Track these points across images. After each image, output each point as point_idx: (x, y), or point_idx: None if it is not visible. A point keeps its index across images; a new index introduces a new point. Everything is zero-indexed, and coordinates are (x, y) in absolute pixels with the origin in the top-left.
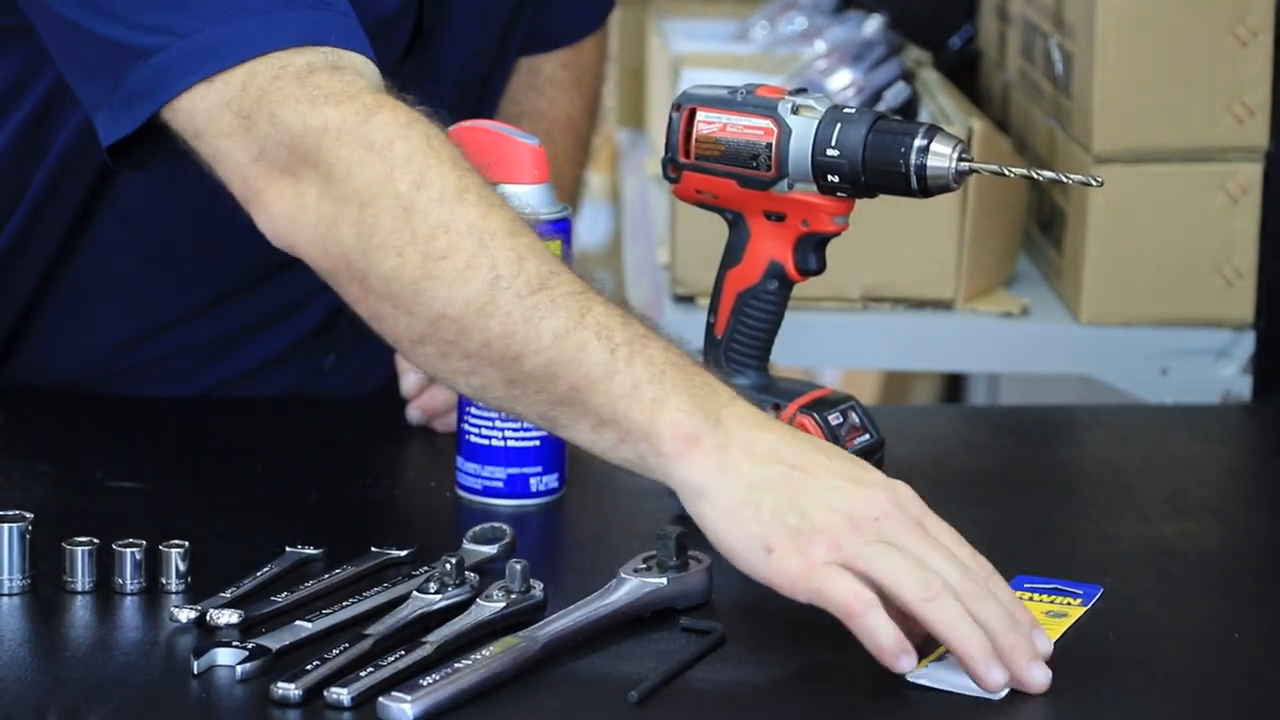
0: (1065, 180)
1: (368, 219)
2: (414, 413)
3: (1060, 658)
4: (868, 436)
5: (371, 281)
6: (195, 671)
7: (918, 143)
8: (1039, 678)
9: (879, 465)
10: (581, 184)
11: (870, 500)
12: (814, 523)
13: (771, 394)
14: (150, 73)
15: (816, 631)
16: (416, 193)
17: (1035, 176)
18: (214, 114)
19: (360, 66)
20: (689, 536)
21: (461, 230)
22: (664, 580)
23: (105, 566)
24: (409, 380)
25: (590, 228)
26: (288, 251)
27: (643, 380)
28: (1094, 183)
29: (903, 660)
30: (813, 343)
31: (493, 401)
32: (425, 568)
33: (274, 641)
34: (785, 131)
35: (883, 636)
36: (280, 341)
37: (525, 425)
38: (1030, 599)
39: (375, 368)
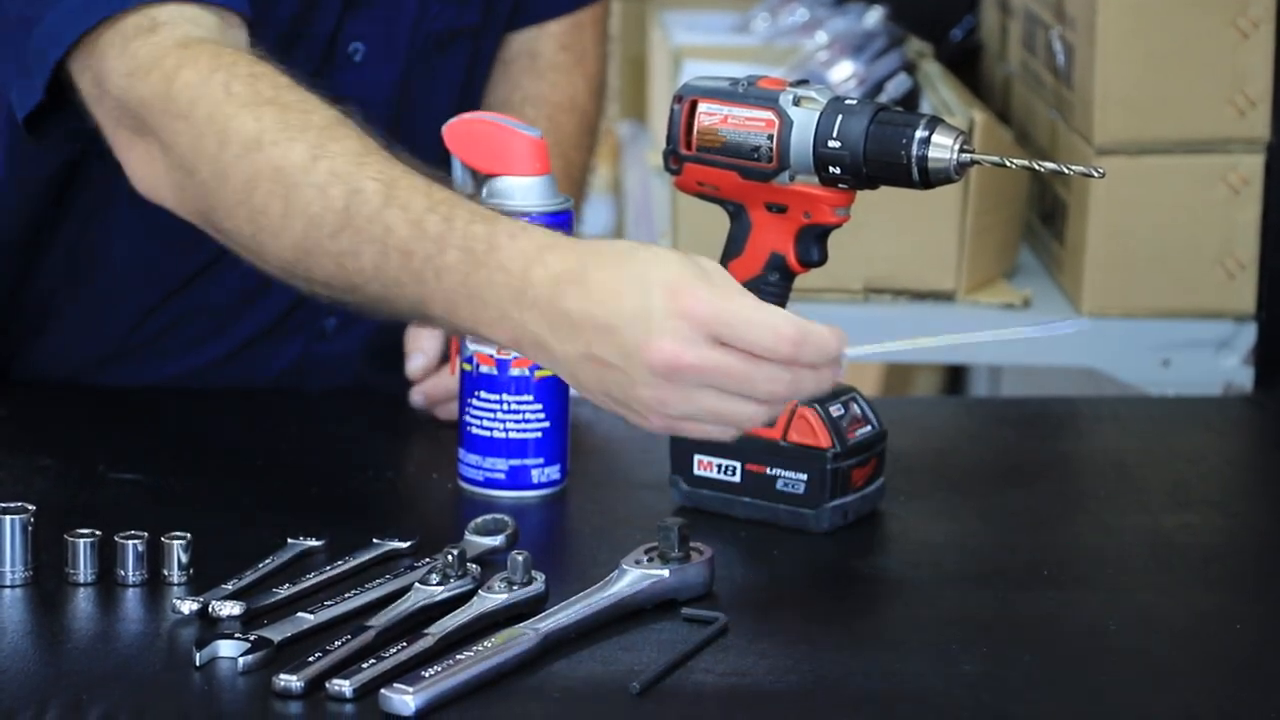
0: (1067, 171)
1: (198, 185)
2: (417, 397)
3: (1061, 647)
4: (870, 428)
5: (225, 238)
6: (197, 663)
7: (919, 134)
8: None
9: (880, 458)
10: (590, 170)
11: (666, 363)
12: (635, 407)
13: None
14: (37, 42)
15: (819, 620)
16: (222, 152)
17: (1037, 168)
18: (82, 82)
19: (177, 16)
20: (691, 528)
21: (268, 177)
22: (666, 571)
23: (107, 558)
24: (414, 363)
25: (592, 220)
26: None
27: (459, 282)
28: (1095, 174)
29: None
30: None
31: (370, 309)
32: (427, 559)
33: (276, 633)
34: (787, 123)
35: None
36: (284, 299)
37: (527, 418)
38: None
39: (381, 332)
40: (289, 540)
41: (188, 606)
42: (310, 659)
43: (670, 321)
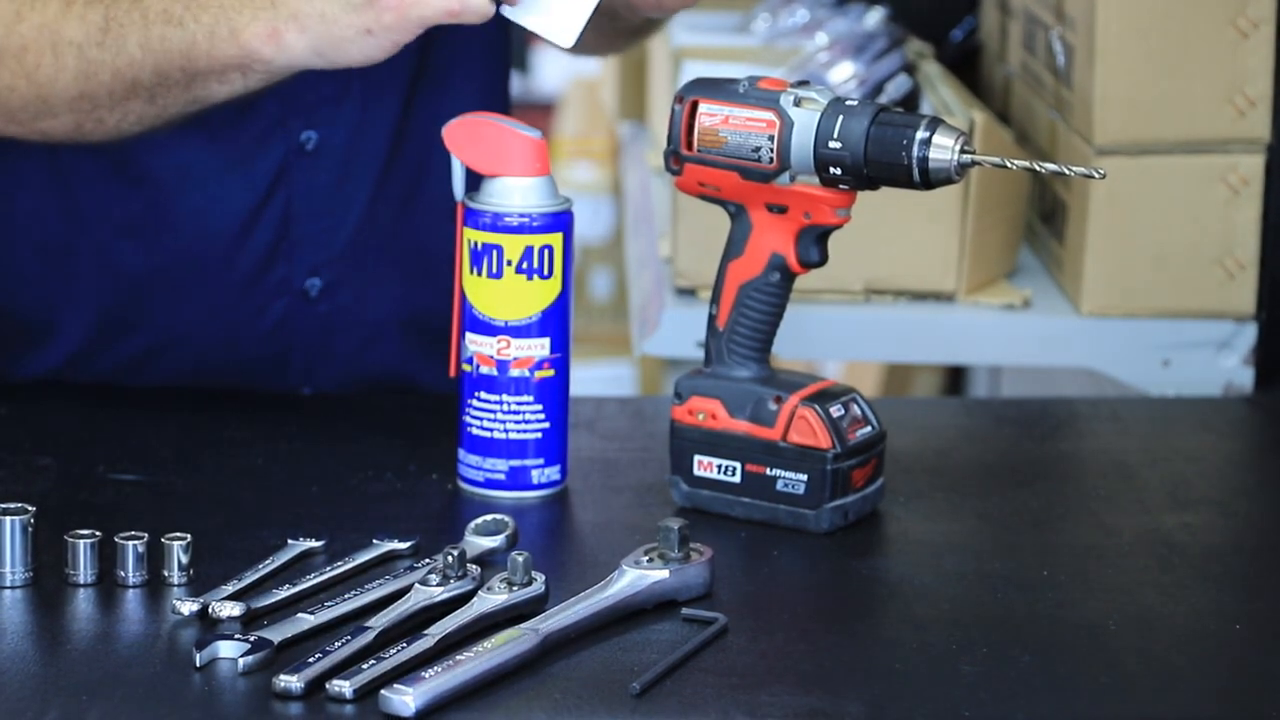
0: (1067, 172)
1: None
2: None
3: (1060, 646)
4: (869, 429)
5: (11, 120)
6: (197, 664)
7: (920, 135)
8: None
9: (880, 458)
10: None
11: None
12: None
13: (773, 386)
14: None
15: (819, 621)
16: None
17: (1037, 169)
18: None
19: None
20: (690, 528)
21: (34, 39)
22: (665, 572)
23: (107, 559)
24: None
25: (592, 221)
26: None
27: (216, 8)
28: (1095, 175)
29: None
30: (814, 335)
31: (160, 122)
32: (427, 560)
33: (276, 634)
34: (787, 124)
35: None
36: (252, 254)
37: (527, 419)
38: None
39: (368, 294)
40: (289, 541)
41: (188, 607)
42: (310, 660)
43: None
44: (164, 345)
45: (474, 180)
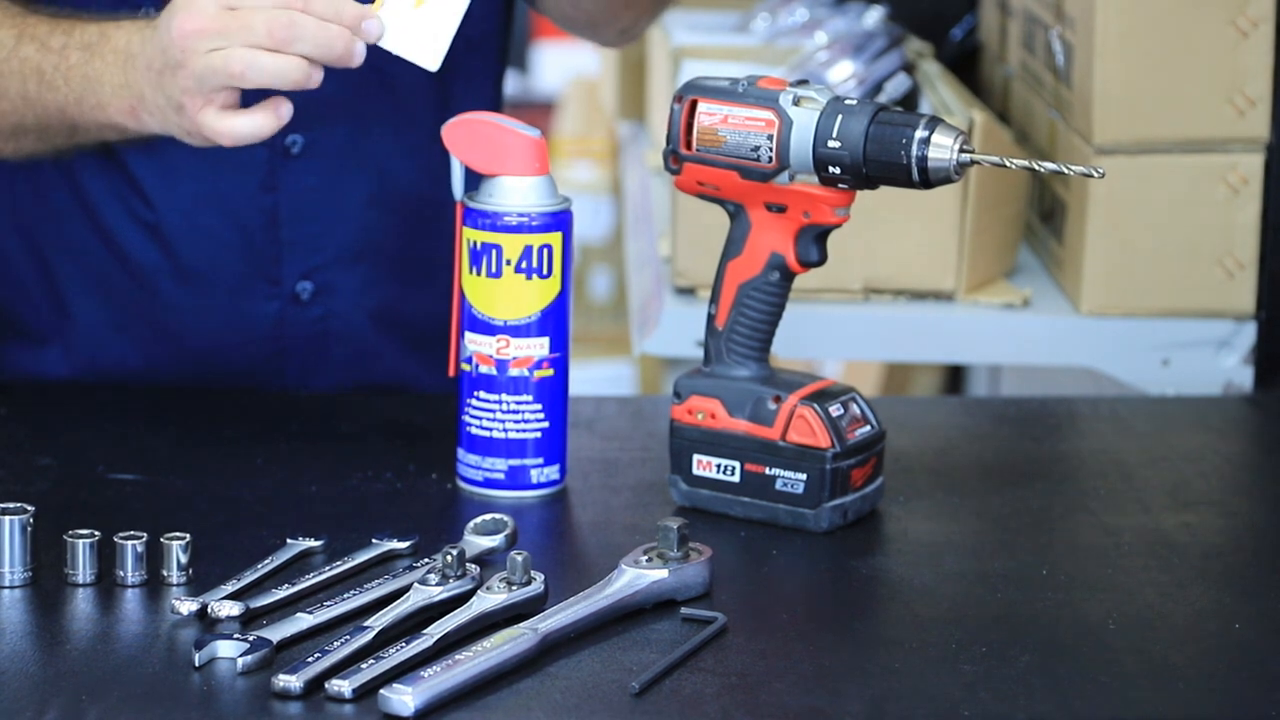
0: (1066, 171)
1: None
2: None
3: (1060, 646)
4: (869, 428)
5: None
6: (197, 664)
7: (919, 134)
8: (358, 56)
9: (879, 457)
10: None
11: (181, 32)
12: (185, 86)
13: (772, 385)
14: None
15: (818, 620)
16: None
17: (1036, 168)
18: None
19: None
20: (690, 528)
21: None
22: (665, 571)
23: (107, 559)
24: None
25: (592, 220)
26: None
27: (82, 75)
28: (1095, 174)
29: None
30: (814, 334)
31: (67, 153)
32: (426, 559)
33: (275, 633)
34: (787, 123)
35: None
36: (235, 259)
37: (526, 418)
38: None
39: (362, 297)
40: (288, 540)
41: (187, 607)
42: (309, 659)
43: (185, 2)
44: (160, 348)
45: (473, 180)
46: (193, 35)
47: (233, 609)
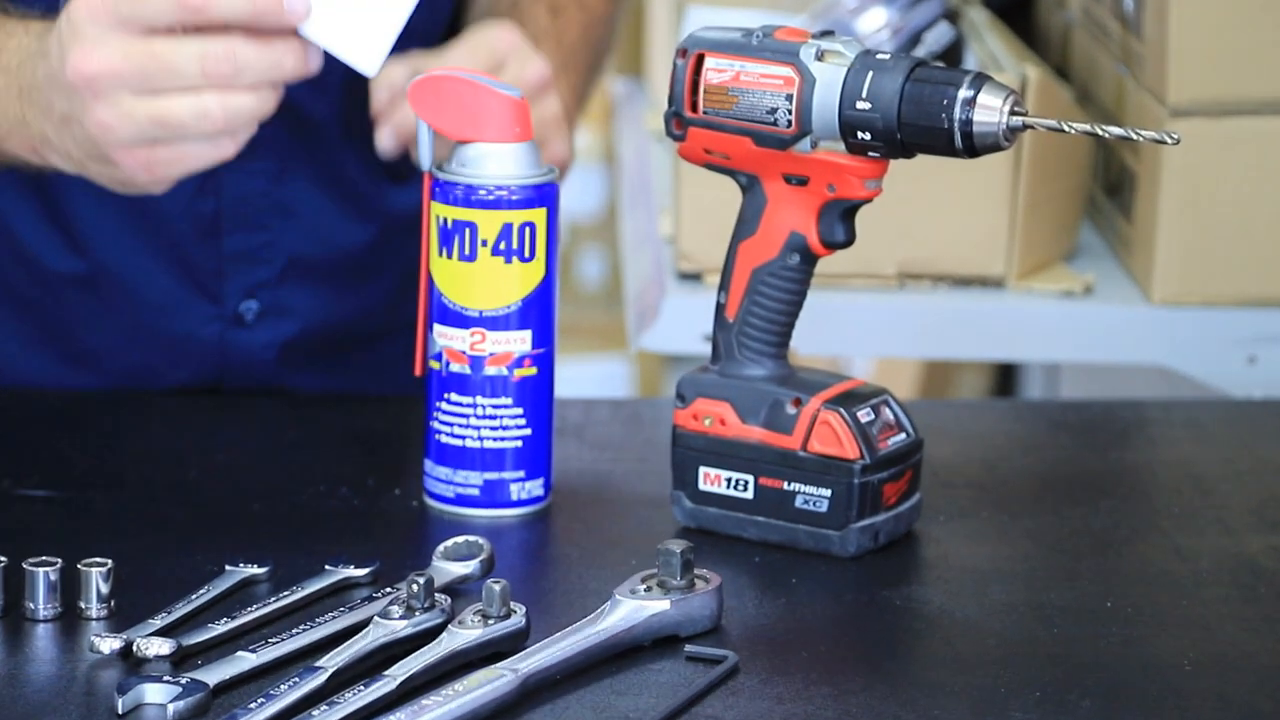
0: (1135, 137)
1: None
2: (385, 139)
3: (1126, 690)
4: (904, 436)
5: None
6: (120, 711)
7: (963, 94)
8: (314, 63)
9: (916, 470)
10: (614, 26)
11: (79, 74)
12: (95, 152)
13: (791, 387)
14: None
15: (839, 660)
16: None
17: (1100, 133)
18: None
19: None
20: (695, 552)
21: None
22: (666, 603)
23: (14, 589)
24: (378, 94)
25: (581, 194)
26: None
27: None
28: (1169, 140)
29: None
30: (840, 327)
31: None
32: (389, 589)
33: (212, 675)
34: (808, 81)
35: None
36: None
37: (505, 425)
38: None
39: (318, 326)
40: (227, 567)
41: (109, 645)
42: (252, 705)
43: (74, 30)
44: (77, 369)
45: (443, 147)
46: (101, 79)
47: (162, 647)
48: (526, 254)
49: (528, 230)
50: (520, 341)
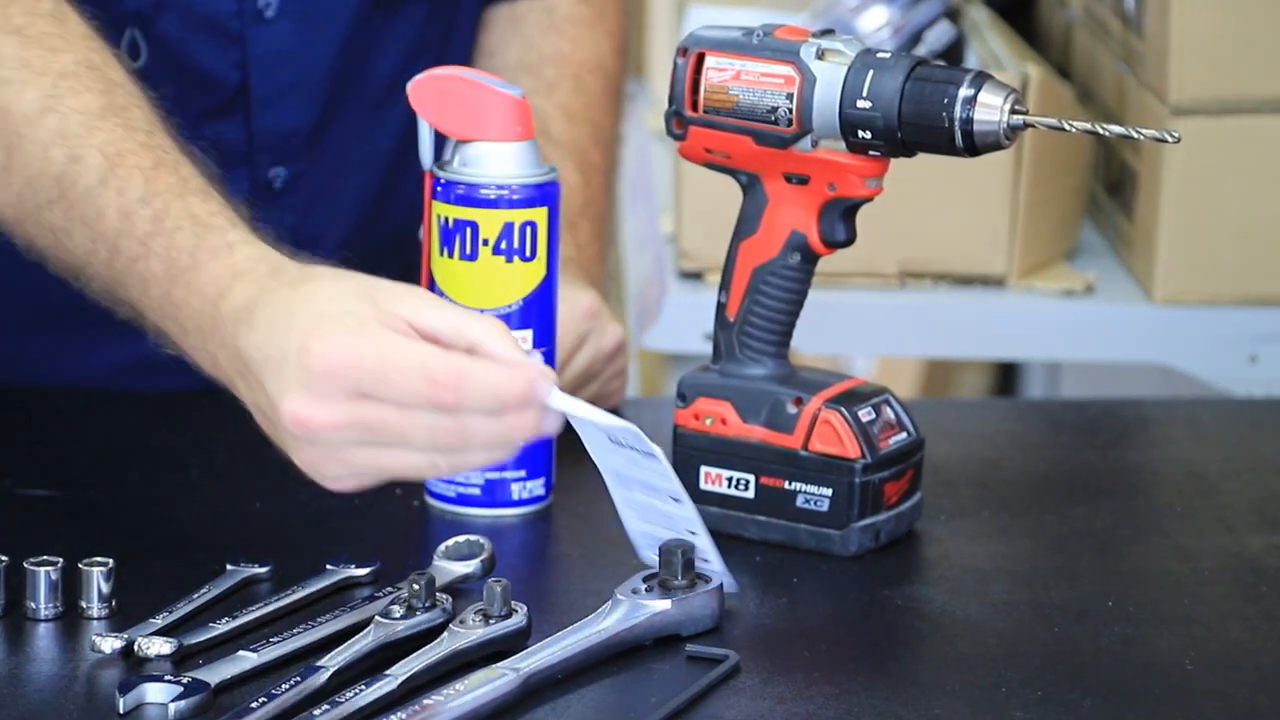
0: (1136, 136)
1: None
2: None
3: (1128, 690)
4: (905, 435)
5: None
6: (121, 710)
7: (963, 92)
8: (549, 428)
9: (917, 469)
10: (619, 138)
11: (297, 424)
12: (301, 469)
13: (792, 386)
14: None
15: (841, 659)
16: None
17: (1101, 132)
18: None
19: None
20: (696, 551)
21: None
22: (667, 602)
23: (15, 588)
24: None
25: None
26: None
27: (162, 297)
28: (1170, 139)
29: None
30: (841, 326)
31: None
32: (389, 588)
33: (213, 675)
34: (809, 80)
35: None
36: None
37: None
38: None
39: None
40: (228, 566)
41: (110, 644)
42: (253, 705)
43: (301, 375)
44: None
45: (444, 146)
46: (320, 433)
47: (163, 646)
48: (528, 253)
49: (529, 230)
50: (521, 341)
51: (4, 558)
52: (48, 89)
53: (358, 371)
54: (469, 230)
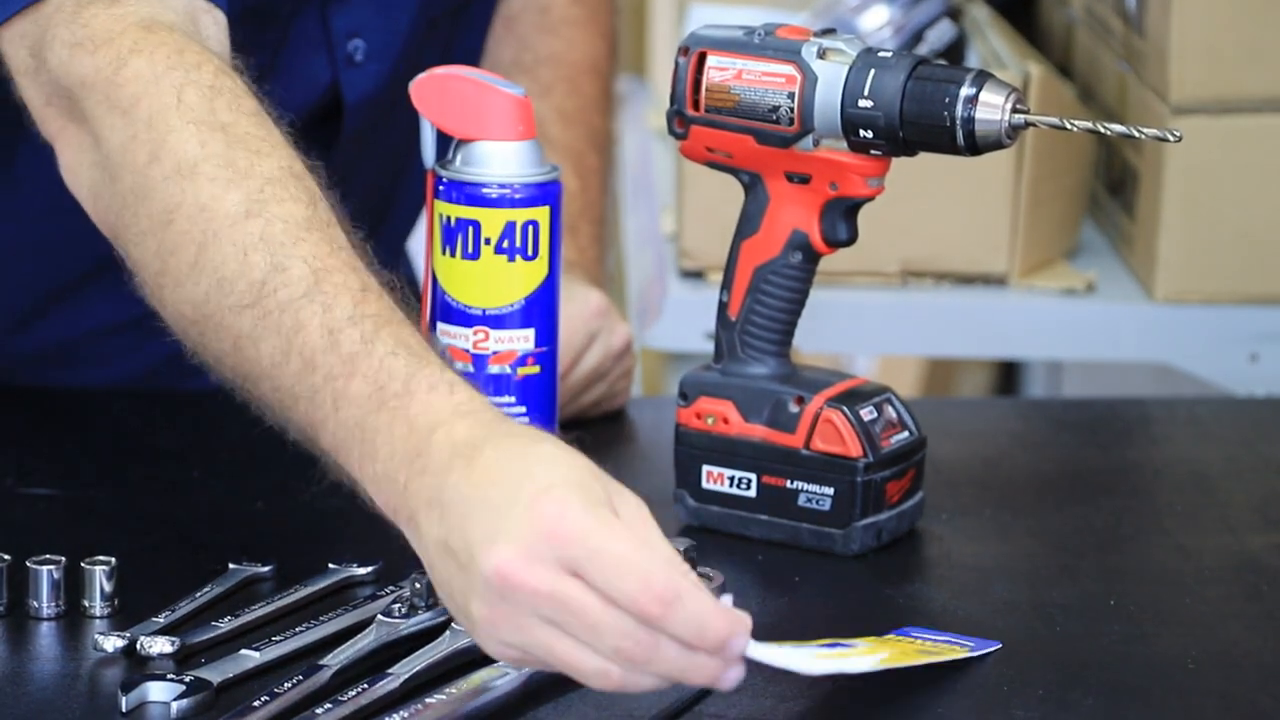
0: (1138, 135)
1: (118, 195)
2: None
3: (1129, 689)
4: (906, 434)
5: (130, 264)
6: (123, 709)
7: (965, 92)
8: (728, 683)
9: (919, 468)
10: (612, 137)
11: (499, 573)
12: (468, 619)
13: (794, 385)
14: None
15: None
16: (151, 168)
17: (1103, 130)
18: (16, 52)
19: None
20: (698, 550)
21: (190, 216)
22: None
23: (18, 587)
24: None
25: None
26: None
27: (358, 420)
28: (1171, 138)
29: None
30: (842, 325)
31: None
32: (392, 587)
33: (215, 674)
34: (810, 79)
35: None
36: None
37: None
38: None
39: None
40: (230, 565)
41: (112, 643)
42: (255, 704)
43: (523, 529)
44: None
45: (447, 145)
46: (520, 594)
47: (166, 645)
48: (530, 252)
49: (531, 229)
50: (524, 340)
51: (6, 557)
52: (253, 192)
53: (580, 547)
54: (471, 229)
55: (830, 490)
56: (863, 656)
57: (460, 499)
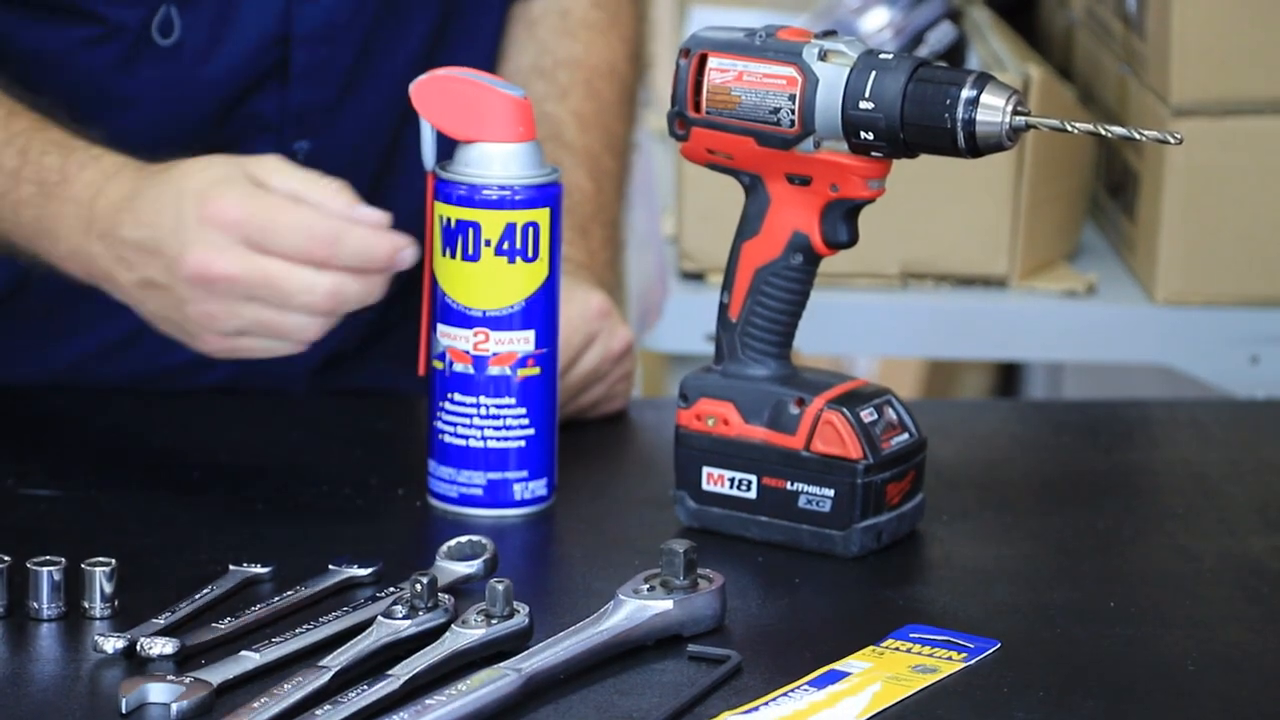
0: (1138, 137)
1: None
2: None
3: (1130, 690)
4: (907, 436)
5: None
6: (124, 710)
7: (965, 94)
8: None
9: (919, 470)
10: (633, 144)
11: (198, 273)
12: (188, 328)
13: (795, 387)
14: None
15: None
16: None
17: (1103, 133)
18: None
19: None
20: (698, 551)
21: None
22: (669, 603)
23: (18, 588)
24: None
25: None
26: None
27: (35, 217)
28: (1172, 140)
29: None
30: (843, 327)
31: None
32: (392, 589)
33: (215, 675)
34: (811, 81)
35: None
36: None
37: (508, 424)
38: (907, 649)
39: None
40: (230, 566)
41: (112, 644)
42: (255, 705)
43: (201, 230)
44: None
45: (447, 147)
46: (219, 284)
47: (166, 646)
48: (530, 254)
49: (531, 230)
50: (524, 341)
51: (6, 558)
52: None
53: (250, 224)
54: (471, 231)
55: (830, 492)
56: (854, 697)
57: (140, 242)
